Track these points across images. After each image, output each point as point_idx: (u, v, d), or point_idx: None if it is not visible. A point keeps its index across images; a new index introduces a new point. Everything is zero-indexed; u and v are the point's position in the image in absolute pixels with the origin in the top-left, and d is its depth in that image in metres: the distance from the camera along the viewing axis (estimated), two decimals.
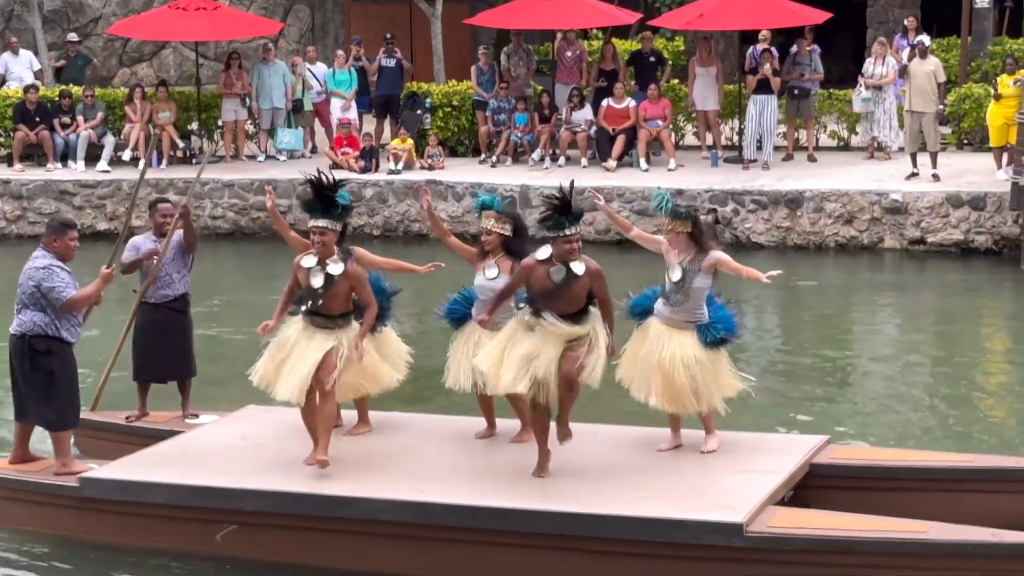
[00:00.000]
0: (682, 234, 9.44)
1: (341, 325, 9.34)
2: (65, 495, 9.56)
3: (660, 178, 20.77)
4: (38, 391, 9.54)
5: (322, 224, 9.27)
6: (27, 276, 9.41)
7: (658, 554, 8.41)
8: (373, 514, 8.85)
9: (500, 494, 8.87)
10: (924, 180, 19.68)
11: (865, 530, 8.27)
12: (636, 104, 21.81)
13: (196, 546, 9.26)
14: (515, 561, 8.68)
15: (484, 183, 20.91)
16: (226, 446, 10.01)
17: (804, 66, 21.71)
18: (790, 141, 22.12)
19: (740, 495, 8.66)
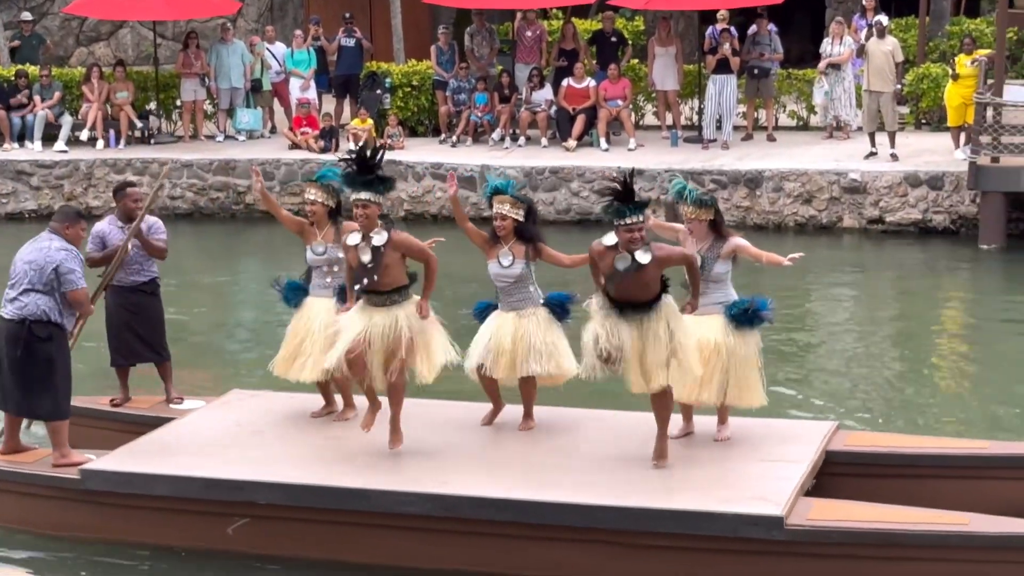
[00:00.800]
0: (704, 222, 9.27)
1: (397, 301, 9.06)
2: (66, 488, 9.14)
3: (620, 158, 20.75)
4: (33, 380, 9.11)
5: (364, 197, 8.99)
6: (43, 257, 9.05)
7: (692, 547, 8.22)
8: (396, 507, 8.60)
9: (525, 486, 8.65)
10: (882, 159, 19.75)
11: (906, 522, 8.13)
12: (596, 84, 21.79)
13: (206, 541, 8.98)
14: (542, 554, 8.46)
15: (444, 163, 20.93)
16: (225, 434, 9.71)
17: (763, 46, 21.75)
18: (749, 121, 22.17)
19: (770, 485, 8.50)
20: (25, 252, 9.16)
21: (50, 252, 9.06)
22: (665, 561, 8.27)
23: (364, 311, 9.06)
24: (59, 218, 9.33)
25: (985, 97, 18.49)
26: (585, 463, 8.98)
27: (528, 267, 9.47)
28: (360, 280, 9.02)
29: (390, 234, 9.01)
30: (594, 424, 9.65)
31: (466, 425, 9.80)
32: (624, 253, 8.59)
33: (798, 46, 25.80)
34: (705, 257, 9.24)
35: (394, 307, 9.04)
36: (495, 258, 9.44)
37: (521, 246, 9.42)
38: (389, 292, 9.03)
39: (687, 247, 9.26)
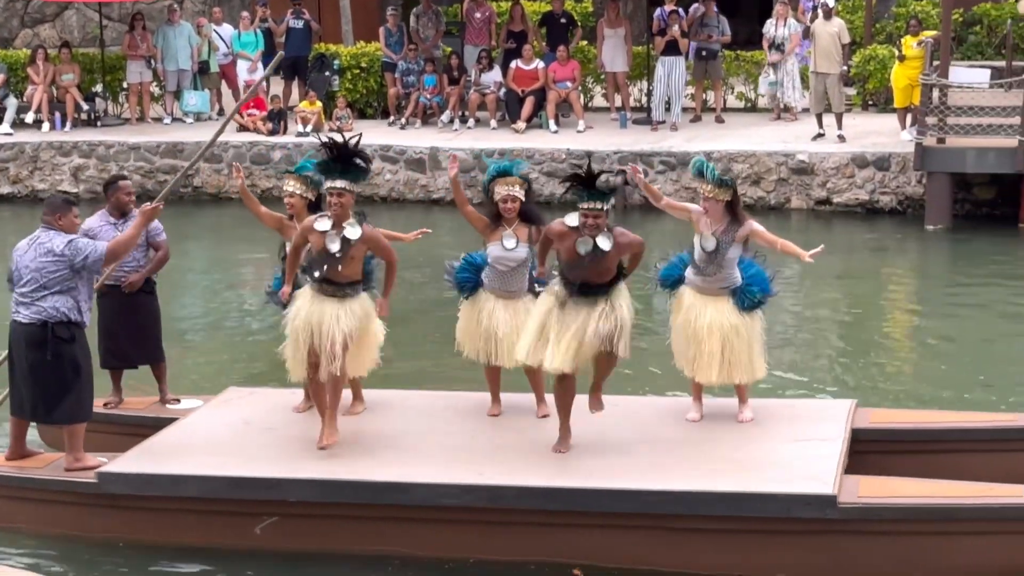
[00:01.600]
0: (721, 202, 9.09)
1: (350, 294, 8.88)
2: (83, 492, 8.77)
3: (569, 139, 20.81)
4: (58, 383, 8.71)
5: (340, 185, 8.74)
6: (52, 261, 8.61)
7: (743, 529, 8.09)
8: (436, 499, 8.37)
9: (567, 473, 8.46)
10: (830, 141, 19.85)
11: (961, 496, 8.04)
12: (545, 66, 21.79)
13: (232, 541, 8.65)
14: (590, 542, 8.30)
15: (394, 145, 20.89)
16: (236, 433, 9.37)
17: (711, 28, 21.80)
18: (698, 102, 22.21)
19: (812, 465, 8.37)
20: (28, 256, 8.69)
21: (55, 253, 8.62)
22: (716, 544, 8.14)
23: (315, 300, 8.87)
24: (49, 210, 8.88)
25: (931, 78, 18.59)
26: (612, 448, 8.81)
27: (531, 250, 9.26)
28: (320, 267, 8.82)
29: (363, 228, 8.82)
30: (608, 409, 9.28)
31: (477, 414, 9.61)
32: (587, 237, 8.49)
33: (746, 28, 25.85)
34: (720, 240, 9.08)
35: (346, 300, 8.87)
36: (498, 241, 9.23)
37: (524, 228, 9.24)
38: (345, 285, 8.86)
39: (699, 228, 9.13)
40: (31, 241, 8.77)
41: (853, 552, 8.01)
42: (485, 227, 9.34)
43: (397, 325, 10.60)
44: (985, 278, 15.94)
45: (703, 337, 9.18)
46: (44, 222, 8.82)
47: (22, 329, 8.69)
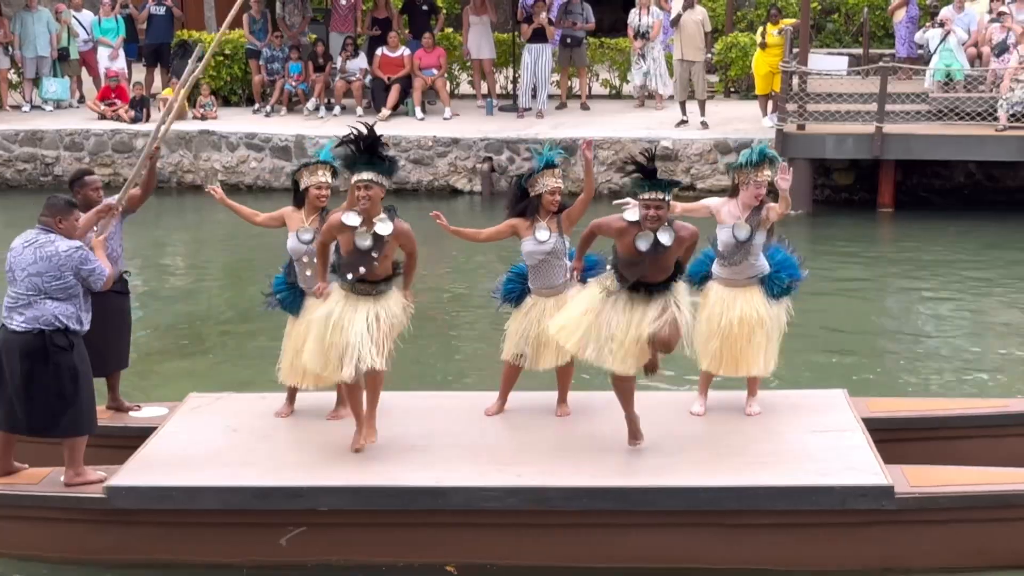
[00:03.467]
0: (764, 184, 8.93)
1: (383, 291, 8.46)
2: (90, 508, 8.14)
3: (436, 127, 20.79)
4: (58, 395, 8.11)
5: (367, 177, 8.25)
6: (54, 266, 8.01)
7: (798, 523, 7.96)
8: (477, 503, 8.02)
9: (612, 472, 8.19)
10: (693, 127, 20.08)
11: (1014, 483, 8.01)
12: (411, 53, 21.75)
13: (254, 555, 8.19)
14: (642, 542, 8.06)
15: (259, 132, 20.72)
16: (227, 441, 8.86)
17: (576, 15, 21.92)
18: (563, 89, 22.34)
19: (849, 455, 8.29)
20: (26, 258, 8.06)
21: (61, 258, 8.04)
22: (771, 539, 8.00)
23: (348, 301, 8.43)
24: (49, 211, 8.20)
25: (791, 66, 18.89)
26: (645, 447, 8.55)
27: (563, 240, 8.97)
28: (355, 268, 8.35)
29: (395, 223, 8.39)
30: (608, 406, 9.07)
31: (501, 415, 9.30)
32: (647, 232, 8.12)
33: (610, 15, 26.00)
34: (752, 226, 8.94)
35: (380, 297, 8.45)
36: (531, 235, 8.92)
37: (554, 219, 8.97)
38: (378, 282, 8.46)
39: (722, 218, 8.95)
40: (27, 242, 8.13)
41: (909, 542, 7.97)
42: (514, 229, 9.00)
43: None
44: (845, 259, 16.23)
45: (734, 331, 9.03)
46: (42, 223, 8.19)
47: (16, 338, 8.04)
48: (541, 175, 8.93)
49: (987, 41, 19.27)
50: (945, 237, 17.18)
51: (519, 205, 9.03)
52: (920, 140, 18.35)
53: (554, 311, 8.90)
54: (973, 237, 17.23)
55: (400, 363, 8.73)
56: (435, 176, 20.28)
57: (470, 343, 12.98)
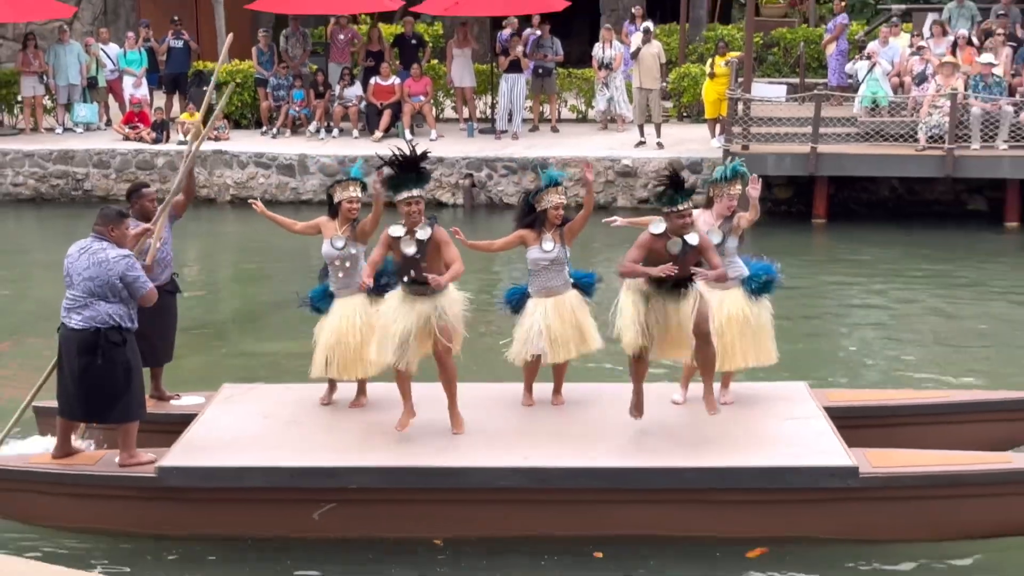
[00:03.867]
0: (735, 197, 8.97)
1: (436, 292, 8.43)
2: (143, 486, 8.13)
3: (423, 147, 20.71)
4: (111, 385, 8.07)
5: (416, 194, 8.31)
6: (104, 271, 7.97)
7: (774, 500, 8.01)
8: (491, 482, 8.03)
9: (609, 454, 8.21)
10: (650, 147, 20.10)
11: (963, 464, 8.06)
12: (401, 81, 21.73)
13: (291, 528, 8.14)
14: (633, 516, 8.08)
15: (266, 152, 20.66)
16: (262, 426, 8.79)
17: (547, 48, 21.94)
18: (536, 114, 22.35)
19: (817, 441, 8.35)
20: (81, 264, 8.02)
21: (110, 264, 7.99)
22: (750, 514, 8.05)
23: (406, 301, 8.42)
24: (102, 220, 8.15)
25: (736, 93, 18.93)
26: (635, 431, 8.56)
27: (564, 249, 8.99)
28: (407, 272, 8.38)
29: (433, 229, 8.39)
30: (608, 396, 9.10)
31: (504, 403, 9.24)
32: (675, 239, 8.20)
33: (577, 48, 26.07)
34: (726, 235, 8.95)
35: (435, 296, 8.42)
36: (537, 245, 8.94)
37: (558, 231, 8.98)
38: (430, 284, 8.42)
39: (701, 227, 8.82)
40: (82, 249, 8.10)
41: (871, 516, 8.04)
42: (522, 239, 9.01)
43: None
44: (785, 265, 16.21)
45: (722, 328, 8.98)
46: (96, 232, 8.13)
47: (74, 335, 8.02)
48: (546, 192, 8.95)
49: (908, 72, 19.34)
50: (872, 245, 17.25)
51: (527, 218, 9.03)
52: (850, 159, 18.41)
53: (552, 309, 8.97)
54: (897, 244, 17.31)
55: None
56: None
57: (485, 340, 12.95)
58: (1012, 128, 18.08)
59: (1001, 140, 18.08)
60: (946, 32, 19.89)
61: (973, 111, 18.08)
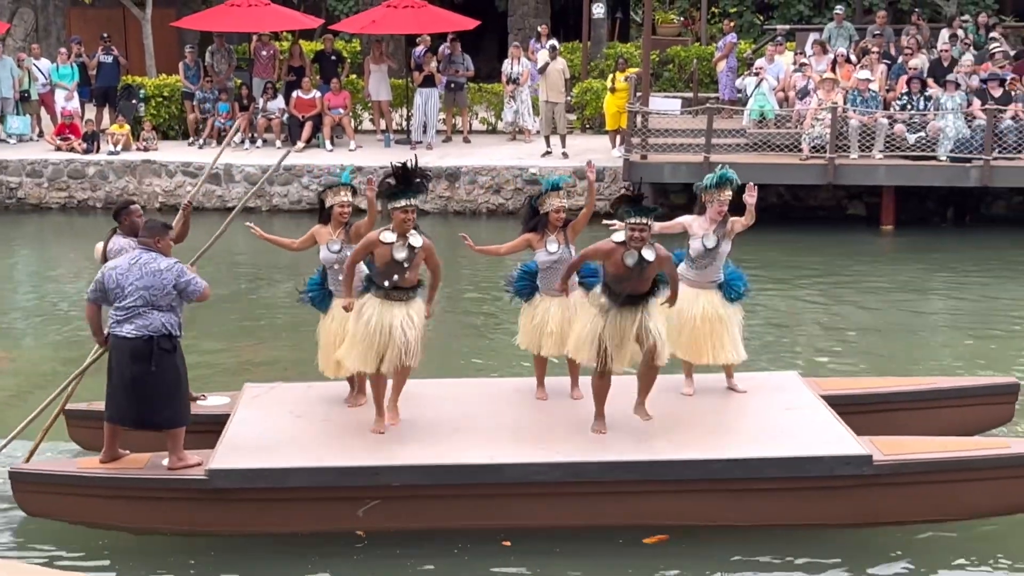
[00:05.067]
0: (726, 202, 8.96)
1: (412, 297, 8.41)
2: (194, 488, 8.01)
3: (342, 157, 20.69)
4: (162, 392, 7.97)
5: (413, 203, 8.29)
6: (158, 281, 7.90)
7: (793, 488, 8.01)
8: (527, 477, 7.96)
9: (637, 448, 8.16)
10: (556, 157, 20.19)
11: (966, 450, 8.15)
12: (321, 95, 21.64)
13: (335, 526, 8.07)
14: (663, 507, 8.04)
15: (193, 161, 20.46)
16: (295, 426, 8.68)
17: (458, 64, 21.96)
18: (448, 126, 22.36)
19: (825, 430, 8.36)
20: (133, 275, 7.92)
21: (163, 274, 7.93)
22: (771, 502, 8.04)
23: (384, 306, 8.36)
24: (147, 233, 8.12)
25: (635, 106, 19.10)
26: (647, 424, 8.49)
27: (569, 249, 8.95)
28: (391, 276, 8.32)
29: (423, 239, 8.41)
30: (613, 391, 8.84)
31: (522, 397, 9.15)
32: (632, 250, 8.14)
33: (487, 64, 26.12)
34: (719, 236, 8.96)
35: (411, 302, 8.42)
36: (543, 247, 8.94)
37: (561, 233, 8.97)
38: (410, 288, 8.42)
39: (694, 230, 8.90)
40: (132, 261, 7.99)
41: (883, 501, 8.07)
42: (528, 243, 9.02)
43: None
44: None
45: (697, 324, 9.02)
46: (143, 244, 8.09)
47: (127, 344, 7.90)
48: (548, 196, 8.96)
49: (792, 87, 19.65)
50: (761, 246, 17.44)
51: (531, 222, 9.02)
52: (740, 167, 18.08)
53: (557, 309, 8.96)
54: (785, 245, 17.55)
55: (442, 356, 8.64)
56: None
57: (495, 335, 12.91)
58: (887, 139, 18.46)
59: (877, 150, 18.44)
60: (826, 50, 20.25)
61: (852, 123, 18.43)
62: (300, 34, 25.07)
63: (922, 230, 18.31)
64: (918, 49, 19.97)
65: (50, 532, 8.35)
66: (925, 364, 11.88)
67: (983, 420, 9.31)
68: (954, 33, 20.47)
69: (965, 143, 18.27)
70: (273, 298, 14.85)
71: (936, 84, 18.90)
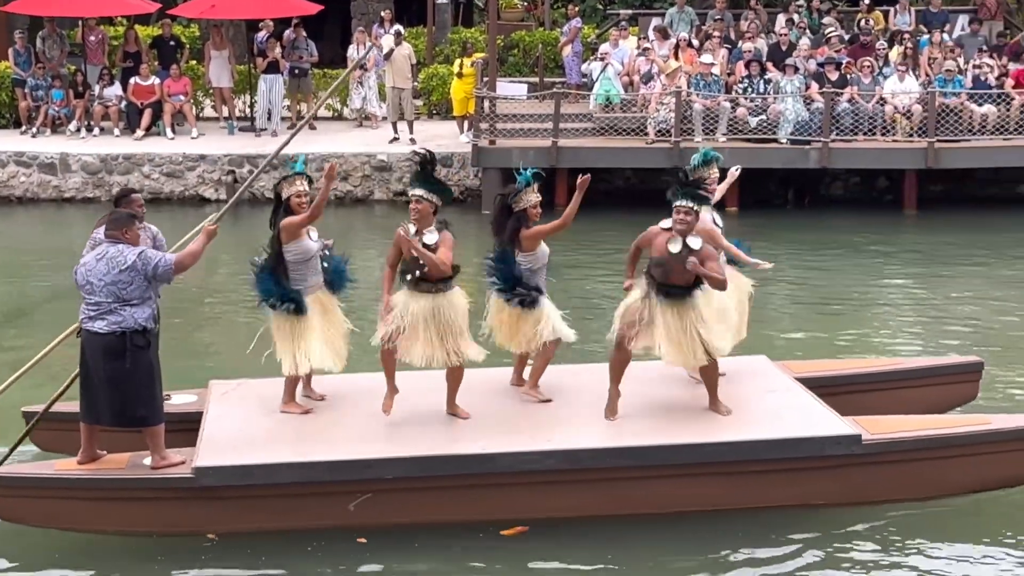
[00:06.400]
0: (715, 180, 8.93)
1: (442, 290, 8.23)
2: (180, 487, 7.75)
3: (185, 145, 20.28)
4: (137, 389, 7.68)
5: (417, 193, 8.15)
6: (127, 275, 7.59)
7: (783, 469, 8.03)
8: (520, 466, 7.84)
9: (628, 434, 8.10)
10: (403, 143, 20.12)
11: (950, 427, 8.28)
12: (161, 81, 21.15)
13: (325, 521, 7.84)
14: (659, 493, 7.98)
15: (27, 151, 19.83)
16: (275, 422, 8.44)
17: (302, 50, 21.70)
18: (293, 112, 22.08)
19: (809, 412, 8.43)
20: (100, 270, 7.61)
21: (130, 269, 7.60)
22: (763, 484, 8.05)
23: (411, 296, 8.24)
24: (113, 226, 7.80)
25: (482, 92, 19.14)
26: (636, 410, 8.44)
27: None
28: (413, 270, 8.19)
29: (442, 235, 8.20)
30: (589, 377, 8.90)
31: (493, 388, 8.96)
32: (676, 236, 8.05)
33: (330, 50, 25.83)
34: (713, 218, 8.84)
35: (438, 295, 8.21)
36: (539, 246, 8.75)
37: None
38: (436, 281, 8.22)
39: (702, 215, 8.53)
40: (99, 256, 7.69)
41: (869, 479, 8.14)
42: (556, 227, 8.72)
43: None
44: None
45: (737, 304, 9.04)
46: (110, 237, 7.75)
47: (99, 340, 7.59)
48: (524, 192, 8.69)
49: (636, 71, 19.92)
50: (608, 227, 17.61)
51: (506, 221, 8.72)
52: (588, 151, 18.85)
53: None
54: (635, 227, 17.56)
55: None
56: (186, 187, 19.77)
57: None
58: (729, 122, 18.86)
59: (720, 133, 18.83)
60: (667, 36, 20.55)
61: (695, 107, 18.77)
62: (136, 19, 24.42)
63: (764, 211, 18.74)
64: (757, 34, 20.43)
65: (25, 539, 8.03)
66: (774, 345, 12.14)
67: (948, 399, 9.51)
68: (790, 18, 21.00)
69: (804, 126, 18.79)
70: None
71: (775, 68, 19.38)
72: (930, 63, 19.75)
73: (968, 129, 18.95)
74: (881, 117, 18.92)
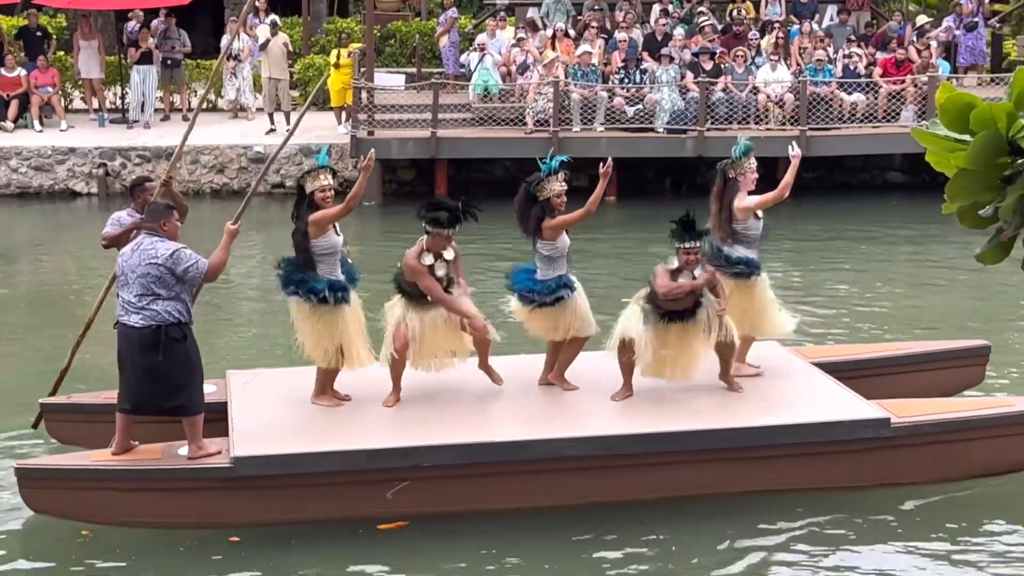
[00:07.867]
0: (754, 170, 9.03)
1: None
2: (218, 476, 7.65)
3: (53, 138, 19.77)
4: (175, 380, 7.60)
5: (445, 233, 8.35)
6: (155, 266, 7.50)
7: (816, 452, 8.09)
8: (557, 452, 7.83)
9: (656, 420, 8.13)
10: (280, 135, 19.83)
11: (975, 409, 8.37)
12: (27, 73, 20.56)
13: (362, 509, 7.74)
14: (688, 477, 7.99)
15: None
16: (300, 410, 8.37)
17: (174, 40, 21.29)
18: (166, 104, 21.67)
19: (835, 395, 8.49)
20: (134, 262, 7.56)
21: (157, 261, 7.50)
22: (796, 467, 8.09)
23: (423, 307, 8.39)
24: (152, 218, 7.72)
25: (360, 82, 18.99)
26: (666, 395, 8.49)
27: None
28: (419, 292, 8.39)
29: (454, 249, 8.43)
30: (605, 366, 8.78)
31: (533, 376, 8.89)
32: (687, 273, 8.28)
33: (202, 41, 25.37)
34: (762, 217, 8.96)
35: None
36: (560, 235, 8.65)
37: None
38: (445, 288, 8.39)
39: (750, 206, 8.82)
40: (135, 247, 7.64)
41: (897, 461, 8.20)
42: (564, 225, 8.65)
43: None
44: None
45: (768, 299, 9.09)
46: (147, 229, 7.67)
47: (135, 333, 7.53)
48: (548, 181, 8.51)
49: (512, 62, 19.94)
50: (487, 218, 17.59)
51: (530, 210, 8.59)
52: (467, 142, 18.84)
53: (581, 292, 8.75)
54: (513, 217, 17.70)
55: None
56: (55, 181, 19.28)
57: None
58: (607, 112, 18.99)
59: (598, 123, 18.95)
60: (537, 28, 20.56)
61: (573, 97, 18.86)
62: (0, 9, 23.70)
63: (643, 201, 18.91)
64: (633, 24, 20.59)
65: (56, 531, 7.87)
66: None
67: (956, 382, 9.66)
68: (665, 8, 21.20)
69: (680, 115, 18.99)
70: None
71: (651, 58, 19.55)
72: (801, 53, 20.12)
73: (839, 117, 19.36)
74: (755, 106, 19.22)
